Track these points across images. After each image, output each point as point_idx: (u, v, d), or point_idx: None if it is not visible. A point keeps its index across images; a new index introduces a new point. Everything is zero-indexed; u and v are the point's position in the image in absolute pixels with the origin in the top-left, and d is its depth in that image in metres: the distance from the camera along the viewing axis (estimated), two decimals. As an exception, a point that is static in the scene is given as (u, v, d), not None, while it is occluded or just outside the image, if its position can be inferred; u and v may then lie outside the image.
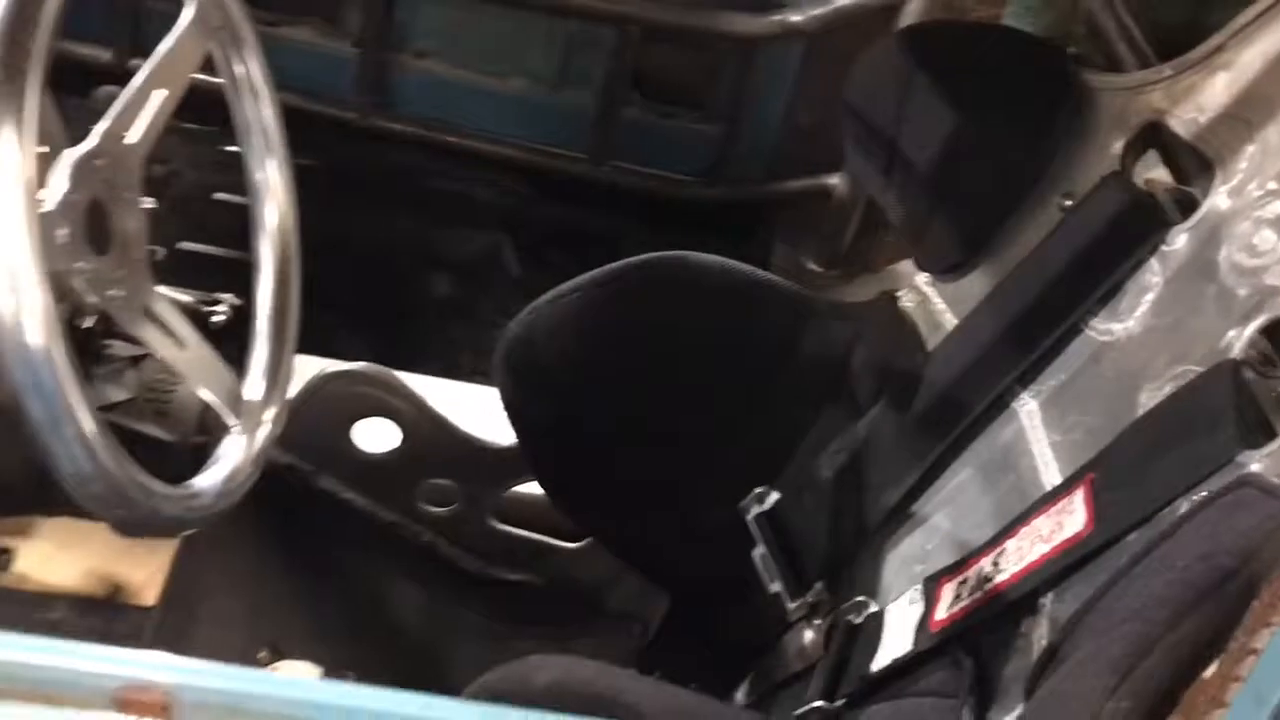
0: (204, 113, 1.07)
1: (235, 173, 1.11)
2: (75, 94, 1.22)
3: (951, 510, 0.98)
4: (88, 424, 0.72)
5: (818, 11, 1.61)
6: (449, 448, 1.31)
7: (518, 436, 1.22)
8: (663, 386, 1.15)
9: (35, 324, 0.69)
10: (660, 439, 1.17)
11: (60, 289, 0.75)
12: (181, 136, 1.56)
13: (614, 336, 1.13)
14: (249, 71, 0.94)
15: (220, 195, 1.66)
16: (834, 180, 1.68)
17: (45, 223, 0.72)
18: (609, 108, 1.70)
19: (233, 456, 0.89)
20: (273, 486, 1.22)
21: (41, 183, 0.75)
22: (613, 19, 1.63)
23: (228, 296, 1.23)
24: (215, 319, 1.18)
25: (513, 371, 1.15)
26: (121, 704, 0.49)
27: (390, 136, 1.71)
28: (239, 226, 1.09)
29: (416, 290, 1.75)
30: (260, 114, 0.97)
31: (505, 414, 1.18)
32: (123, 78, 0.90)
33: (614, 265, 1.11)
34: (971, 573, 0.89)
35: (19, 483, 1.08)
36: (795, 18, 1.63)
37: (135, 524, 0.77)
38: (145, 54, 0.89)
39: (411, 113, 1.70)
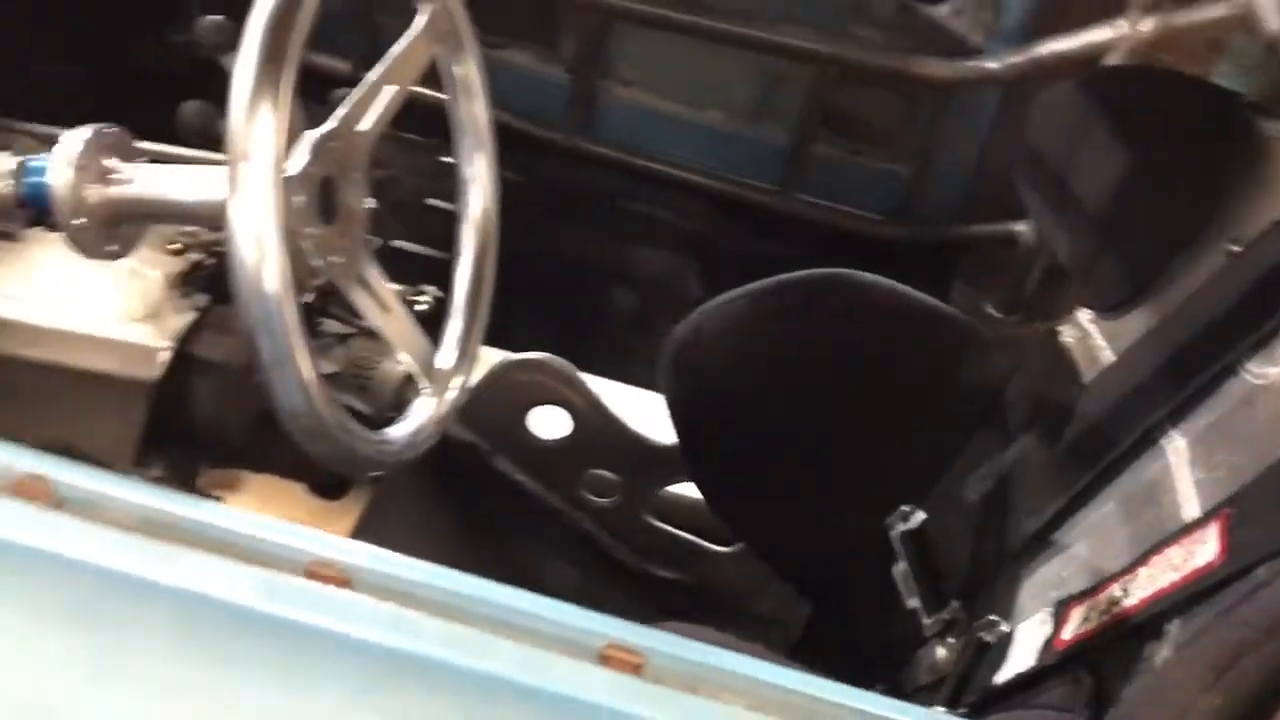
0: (424, 126, 1.20)
1: (448, 181, 1.23)
2: (315, 98, 1.38)
3: (1091, 540, 1.00)
4: (306, 366, 0.83)
5: (1015, 60, 1.64)
6: (615, 441, 1.39)
7: (677, 435, 1.29)
8: (820, 398, 1.20)
9: (273, 273, 0.80)
10: (813, 450, 1.22)
11: (292, 248, 0.87)
12: (403, 146, 1.71)
13: (776, 345, 1.19)
14: (467, 74, 1.06)
15: (432, 201, 1.80)
16: (1021, 228, 1.69)
17: (287, 188, 0.84)
18: (801, 143, 1.77)
19: (421, 415, 1.00)
20: (453, 462, 1.33)
21: (286, 156, 0.87)
22: (812, 58, 1.70)
23: (431, 289, 1.36)
24: (418, 307, 1.31)
25: (677, 371, 1.22)
26: (310, 573, 0.58)
27: (591, 158, 1.82)
28: (447, 230, 1.22)
29: (601, 301, 1.85)
30: (474, 113, 1.08)
31: (668, 412, 1.25)
32: (356, 85, 1.03)
33: (782, 276, 1.17)
34: (1102, 597, 0.90)
35: (235, 440, 1.22)
36: (992, 65, 1.66)
37: (335, 458, 0.87)
38: (377, 66, 1.02)
39: (613, 137, 1.81)
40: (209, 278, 1.33)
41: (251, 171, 0.79)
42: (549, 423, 1.41)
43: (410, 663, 0.56)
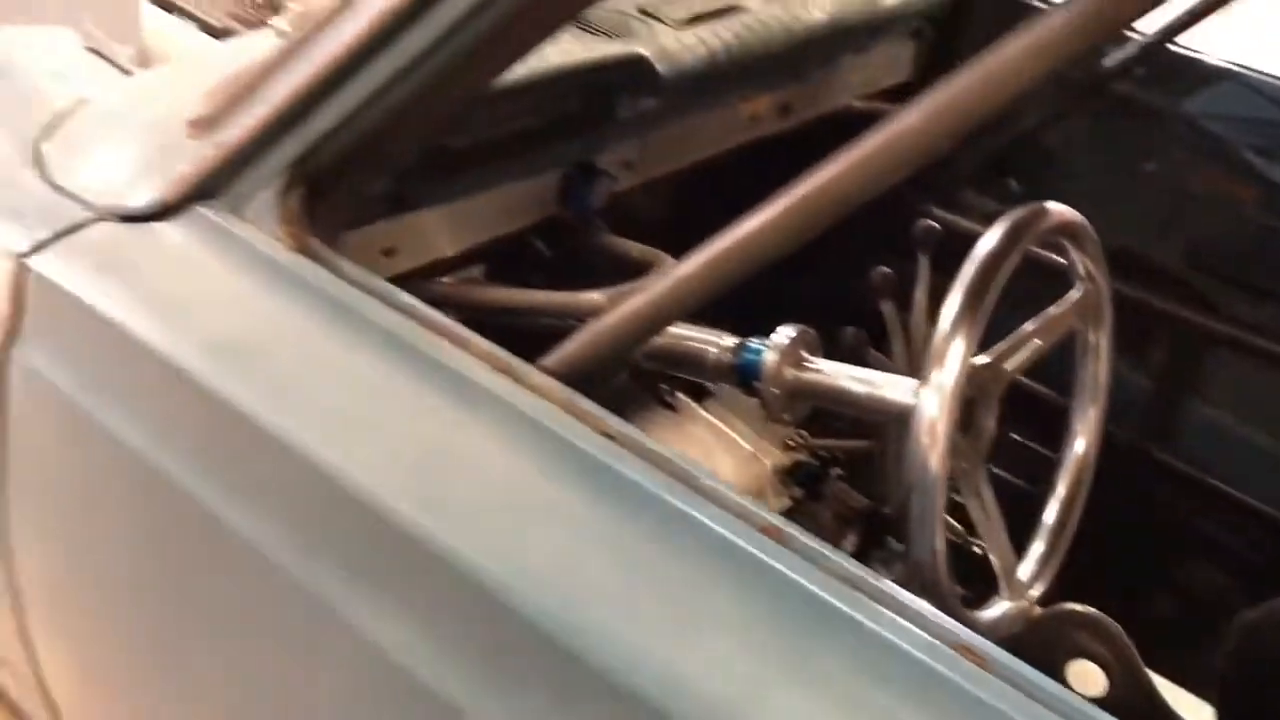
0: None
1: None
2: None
3: None
4: (940, 533, 1.02)
5: None
6: (1146, 712, 1.42)
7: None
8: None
9: (938, 456, 1.00)
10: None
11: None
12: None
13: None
14: (1099, 343, 1.25)
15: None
16: None
17: (953, 394, 1.06)
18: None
19: (999, 610, 1.15)
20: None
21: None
22: None
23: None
24: (974, 547, 1.47)
25: (1233, 654, 1.25)
26: (957, 649, 0.76)
27: (1159, 465, 1.90)
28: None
29: (1146, 599, 1.89)
30: (1098, 375, 1.26)
31: (1217, 691, 1.28)
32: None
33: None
34: None
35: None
36: None
37: (935, 614, 1.05)
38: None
39: (1183, 449, 1.89)
40: (807, 476, 1.59)
41: (943, 376, 1.02)
42: (1082, 678, 1.47)
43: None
